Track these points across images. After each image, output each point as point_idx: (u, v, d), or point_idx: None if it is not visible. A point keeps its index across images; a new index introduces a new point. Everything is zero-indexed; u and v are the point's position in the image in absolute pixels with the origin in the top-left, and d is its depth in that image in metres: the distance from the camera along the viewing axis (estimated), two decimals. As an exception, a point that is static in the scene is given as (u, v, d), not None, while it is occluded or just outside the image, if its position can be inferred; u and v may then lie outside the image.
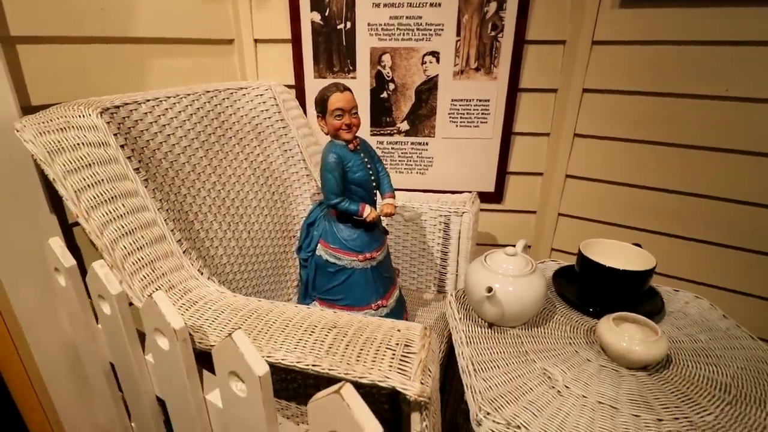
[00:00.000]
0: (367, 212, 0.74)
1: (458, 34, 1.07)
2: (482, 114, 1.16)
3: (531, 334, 0.68)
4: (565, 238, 1.26)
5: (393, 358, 0.49)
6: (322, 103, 0.71)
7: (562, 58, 1.09)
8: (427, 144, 1.20)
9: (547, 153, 1.21)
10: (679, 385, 0.58)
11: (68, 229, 0.81)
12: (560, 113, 1.14)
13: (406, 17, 1.07)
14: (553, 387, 0.55)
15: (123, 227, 0.64)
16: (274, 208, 1.04)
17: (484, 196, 1.22)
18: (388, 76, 1.13)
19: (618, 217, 1.16)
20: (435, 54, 1.10)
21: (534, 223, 1.30)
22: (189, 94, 0.88)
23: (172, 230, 0.72)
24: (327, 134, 0.75)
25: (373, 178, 0.77)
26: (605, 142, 1.12)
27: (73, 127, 0.66)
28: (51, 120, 0.66)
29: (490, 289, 0.60)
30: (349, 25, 1.08)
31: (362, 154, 0.76)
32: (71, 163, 0.63)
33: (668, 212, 1.09)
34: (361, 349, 0.50)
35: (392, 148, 1.22)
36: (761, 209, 0.98)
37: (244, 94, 1.02)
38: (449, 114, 1.16)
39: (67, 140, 0.64)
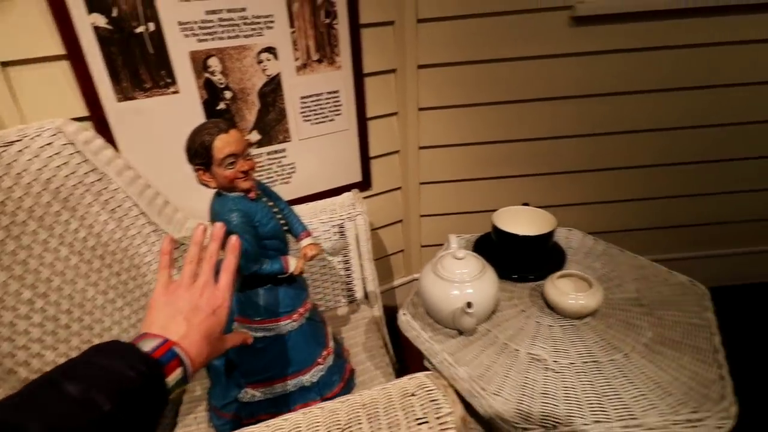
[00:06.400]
0: (292, 265, 0.62)
1: (292, 24, 0.95)
2: (334, 106, 1.09)
3: (493, 322, 0.71)
4: (431, 203, 1.36)
5: None
6: (204, 152, 0.53)
7: (393, 38, 1.10)
8: (284, 150, 1.07)
9: (399, 131, 1.24)
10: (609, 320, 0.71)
11: None
12: (402, 92, 1.17)
13: (227, 11, 0.88)
14: (547, 367, 0.60)
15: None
16: (127, 292, 0.78)
17: (353, 187, 1.19)
18: (221, 83, 0.94)
19: (472, 172, 1.31)
20: (271, 50, 0.95)
21: (401, 198, 1.35)
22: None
23: None
24: (214, 188, 0.57)
25: (282, 222, 0.64)
26: (446, 111, 1.21)
27: None
28: None
29: (470, 305, 0.59)
30: (152, 26, 0.83)
31: (264, 199, 0.62)
32: None
33: (508, 158, 1.28)
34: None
35: (247, 164, 1.04)
36: (564, 140, 1.25)
37: (21, 150, 0.69)
38: (301, 113, 1.05)
39: None
